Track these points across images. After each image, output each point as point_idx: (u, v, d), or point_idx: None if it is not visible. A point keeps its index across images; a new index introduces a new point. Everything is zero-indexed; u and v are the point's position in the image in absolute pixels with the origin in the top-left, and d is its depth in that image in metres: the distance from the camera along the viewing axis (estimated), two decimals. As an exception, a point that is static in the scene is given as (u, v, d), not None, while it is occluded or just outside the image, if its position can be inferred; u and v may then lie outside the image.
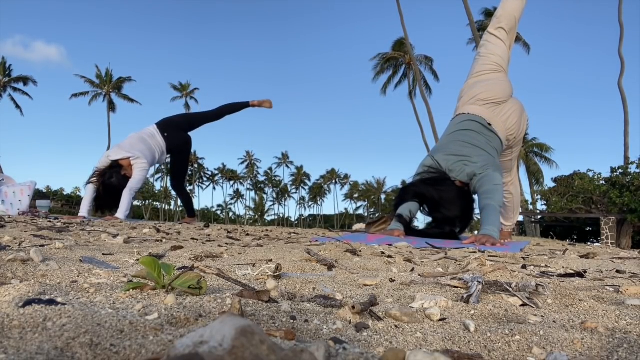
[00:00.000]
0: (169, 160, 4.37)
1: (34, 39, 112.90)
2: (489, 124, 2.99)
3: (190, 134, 4.39)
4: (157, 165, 4.33)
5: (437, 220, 2.88)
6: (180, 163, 4.34)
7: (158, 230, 2.39)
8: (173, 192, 4.56)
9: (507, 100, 3.11)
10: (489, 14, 29.79)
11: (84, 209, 3.76)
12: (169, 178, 4.52)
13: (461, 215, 2.81)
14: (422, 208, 2.95)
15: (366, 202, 72.59)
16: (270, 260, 1.26)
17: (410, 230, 2.76)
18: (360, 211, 74.50)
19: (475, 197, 2.83)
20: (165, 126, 4.24)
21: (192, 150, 4.54)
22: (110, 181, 3.73)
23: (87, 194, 3.82)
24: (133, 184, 3.77)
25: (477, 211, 2.86)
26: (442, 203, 2.78)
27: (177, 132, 4.23)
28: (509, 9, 3.24)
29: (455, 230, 2.82)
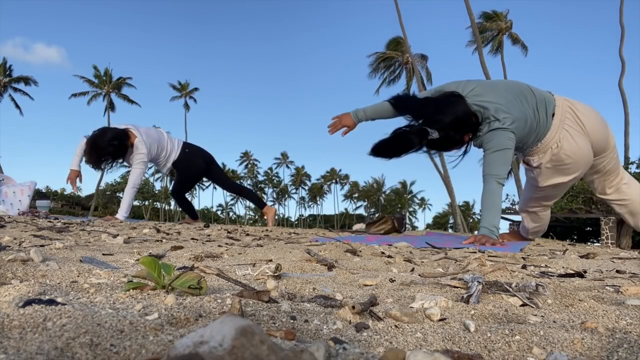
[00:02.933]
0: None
1: (34, 41, 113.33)
2: (553, 114, 2.42)
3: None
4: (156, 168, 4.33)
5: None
6: (182, 180, 4.32)
7: (158, 230, 2.39)
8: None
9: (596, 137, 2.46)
10: (487, 17, 29.87)
11: (75, 163, 3.82)
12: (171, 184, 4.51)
13: (450, 123, 2.34)
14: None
15: (366, 202, 72.63)
16: (270, 260, 1.26)
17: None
18: (360, 211, 74.57)
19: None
20: (190, 146, 4.25)
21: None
22: (105, 129, 3.73)
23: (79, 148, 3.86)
24: (133, 179, 3.77)
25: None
26: (435, 109, 2.36)
27: (194, 157, 4.22)
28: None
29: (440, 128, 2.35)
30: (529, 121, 2.39)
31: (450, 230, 24.05)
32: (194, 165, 4.22)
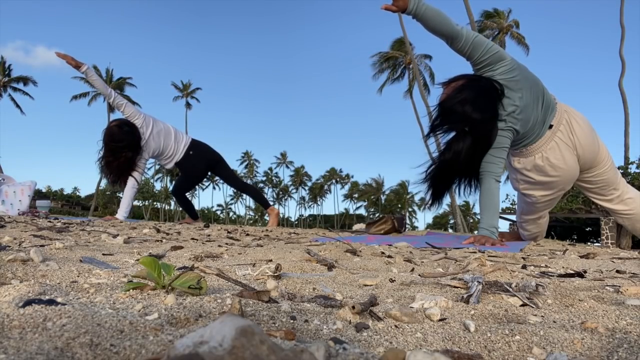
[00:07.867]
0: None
1: (35, 44, 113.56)
2: (551, 125, 2.42)
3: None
4: (157, 166, 4.34)
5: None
6: (183, 181, 4.34)
7: (158, 230, 2.39)
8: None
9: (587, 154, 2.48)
10: (488, 15, 29.87)
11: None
12: (172, 183, 4.49)
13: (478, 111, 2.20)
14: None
15: (366, 202, 72.64)
16: (270, 260, 1.26)
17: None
18: (361, 211, 74.60)
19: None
20: (196, 147, 4.19)
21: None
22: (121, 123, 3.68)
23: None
24: (132, 179, 3.78)
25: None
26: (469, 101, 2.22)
27: (197, 159, 4.18)
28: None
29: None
30: (530, 125, 2.39)
31: (450, 230, 24.03)
32: (194, 168, 4.22)
